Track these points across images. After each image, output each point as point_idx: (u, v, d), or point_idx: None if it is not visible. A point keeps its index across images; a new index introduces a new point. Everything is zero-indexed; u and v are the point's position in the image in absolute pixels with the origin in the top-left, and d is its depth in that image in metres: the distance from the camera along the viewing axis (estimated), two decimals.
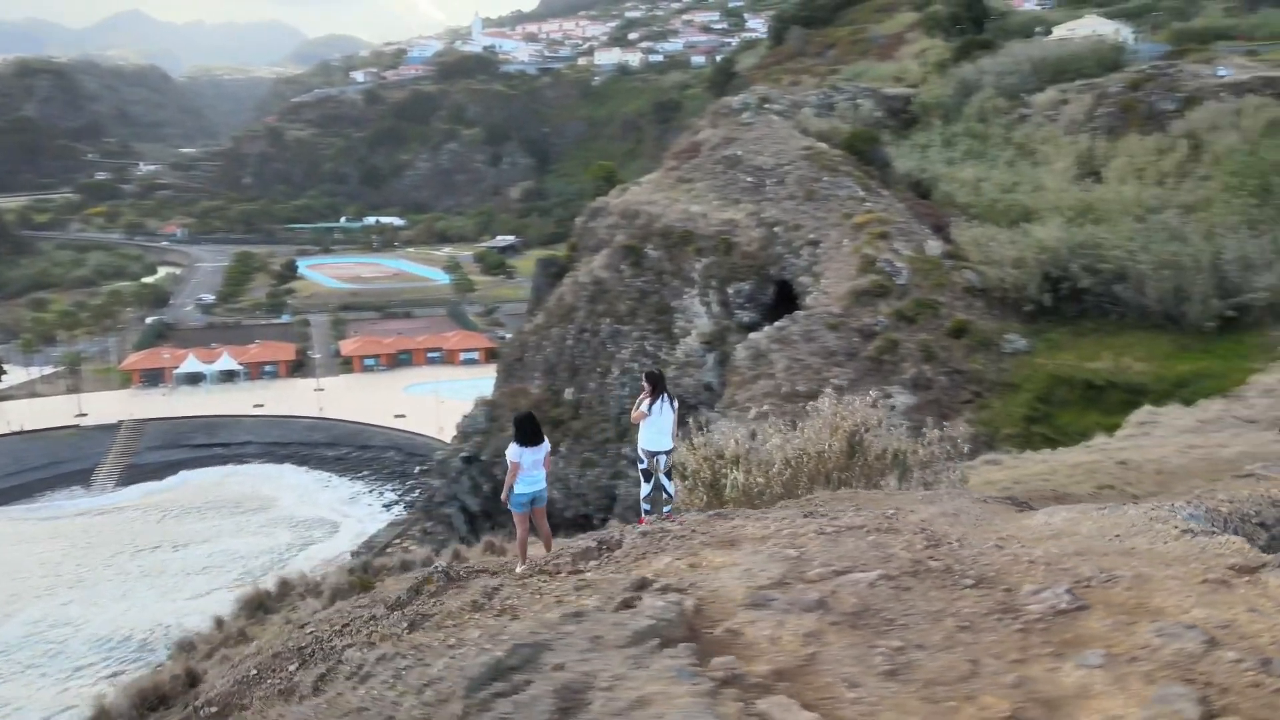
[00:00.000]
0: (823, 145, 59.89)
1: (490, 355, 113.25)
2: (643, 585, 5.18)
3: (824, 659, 4.11)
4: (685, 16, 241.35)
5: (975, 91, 73.69)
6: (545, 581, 6.99)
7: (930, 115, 72.80)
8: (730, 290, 54.41)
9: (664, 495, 10.22)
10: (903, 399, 41.49)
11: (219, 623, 12.93)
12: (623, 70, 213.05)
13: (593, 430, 56.63)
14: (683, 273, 56.20)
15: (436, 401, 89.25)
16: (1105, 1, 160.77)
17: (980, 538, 6.22)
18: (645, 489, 10.24)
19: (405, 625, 6.82)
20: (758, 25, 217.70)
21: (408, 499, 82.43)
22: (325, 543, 78.36)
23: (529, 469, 9.30)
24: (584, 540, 8.01)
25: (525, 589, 6.73)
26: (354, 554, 73.43)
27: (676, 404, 10.72)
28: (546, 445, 9.66)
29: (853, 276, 47.08)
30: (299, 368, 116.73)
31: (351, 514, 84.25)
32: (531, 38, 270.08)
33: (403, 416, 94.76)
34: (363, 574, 12.40)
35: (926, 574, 5.24)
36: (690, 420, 17.98)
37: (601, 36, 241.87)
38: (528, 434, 9.39)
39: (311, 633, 8.73)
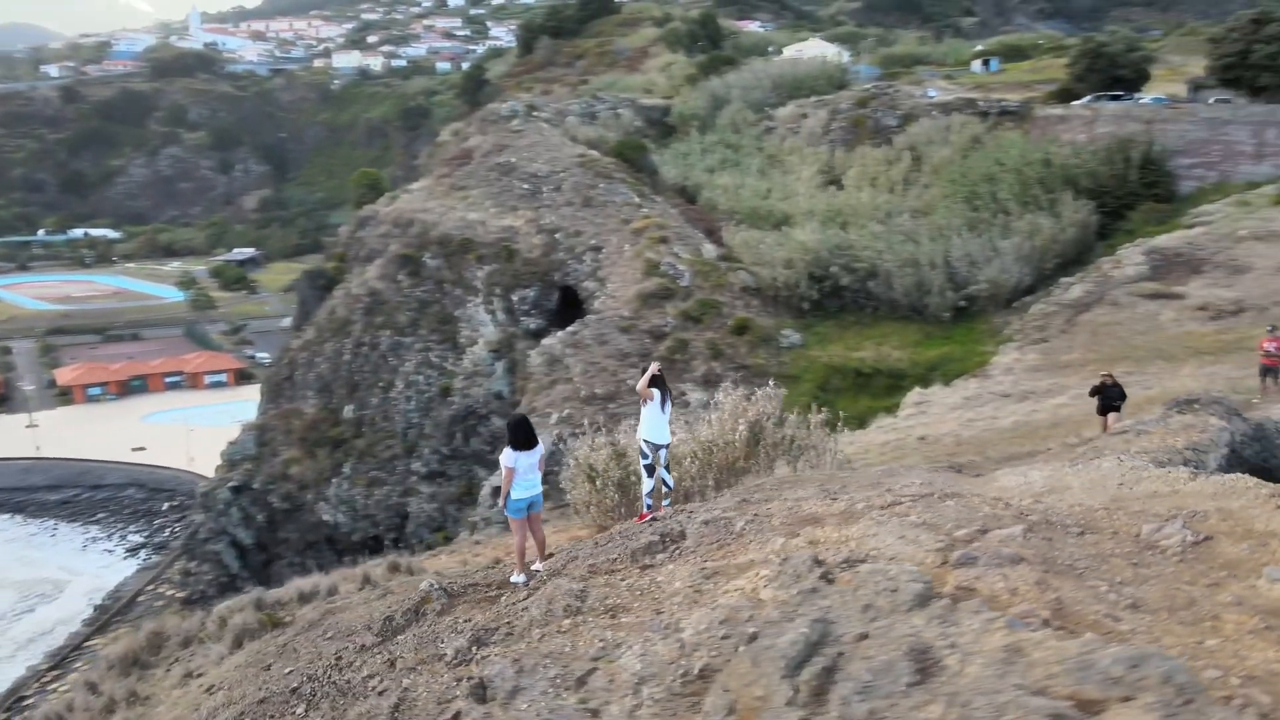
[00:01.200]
0: (594, 153, 61.42)
1: (241, 377, 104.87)
2: (820, 561, 5.43)
3: (1068, 601, 4.66)
4: (426, 21, 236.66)
5: (725, 104, 78.76)
6: (625, 578, 7.01)
7: (687, 125, 76.86)
8: (515, 297, 54.37)
9: (665, 488, 10.38)
10: (696, 395, 43.60)
11: (93, 687, 11.46)
12: (364, 74, 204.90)
13: (378, 448, 54.31)
14: (464, 281, 55.36)
15: (185, 430, 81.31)
16: (819, 27, 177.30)
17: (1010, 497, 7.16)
18: (649, 484, 10.32)
19: (467, 642, 6.54)
20: (502, 33, 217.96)
21: (159, 540, 74.40)
22: (57, 601, 68.91)
23: (524, 473, 9.11)
24: (645, 535, 7.94)
25: (615, 587, 6.72)
26: (97, 608, 65.16)
27: (670, 398, 10.92)
28: (541, 448, 9.51)
29: (638, 280, 48.72)
30: (3, 402, 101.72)
31: (85, 565, 74.59)
32: (259, 36, 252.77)
33: (143, 449, 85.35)
34: (270, 610, 11.47)
35: (1045, 526, 5.98)
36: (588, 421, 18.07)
37: (337, 38, 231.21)
38: (523, 438, 9.21)
39: (293, 672, 8.09)
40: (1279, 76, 49.20)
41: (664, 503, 10.02)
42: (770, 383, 17.28)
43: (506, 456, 9.06)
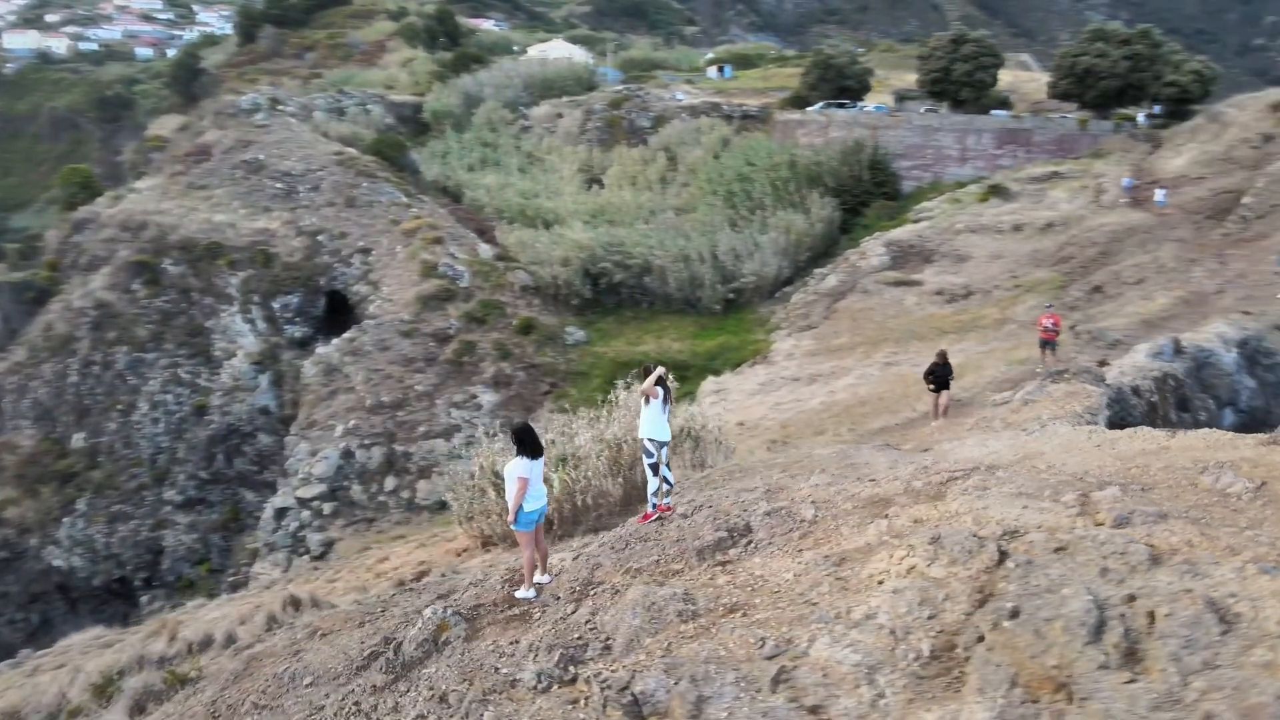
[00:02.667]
0: (352, 150, 58.39)
1: None
2: (980, 537, 5.68)
3: (1236, 546, 5.27)
4: (118, 1, 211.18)
5: (479, 103, 77.89)
6: (712, 576, 6.90)
7: (442, 124, 75.13)
8: (276, 304, 50.49)
9: (666, 486, 10.15)
10: (488, 397, 43.07)
11: None
12: (45, 58, 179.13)
13: (120, 478, 48.24)
14: (216, 289, 50.59)
15: None
16: (554, 28, 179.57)
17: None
18: (654, 483, 10.03)
19: (554, 664, 6.16)
20: (212, 19, 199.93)
21: None
22: None
23: (533, 483, 8.60)
24: (703, 533, 7.72)
25: (716, 587, 6.60)
26: None
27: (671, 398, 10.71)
28: (543, 456, 9.01)
29: (416, 282, 47.09)
30: None
31: None
32: None
33: None
34: (174, 669, 10.12)
35: (1123, 486, 6.68)
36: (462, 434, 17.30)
37: (8, 16, 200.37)
38: (533, 445, 8.69)
39: None
40: (976, 91, 56.77)
41: (665, 500, 9.98)
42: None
43: (518, 467, 8.53)
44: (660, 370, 10.19)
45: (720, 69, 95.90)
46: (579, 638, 6.59)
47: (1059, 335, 22.15)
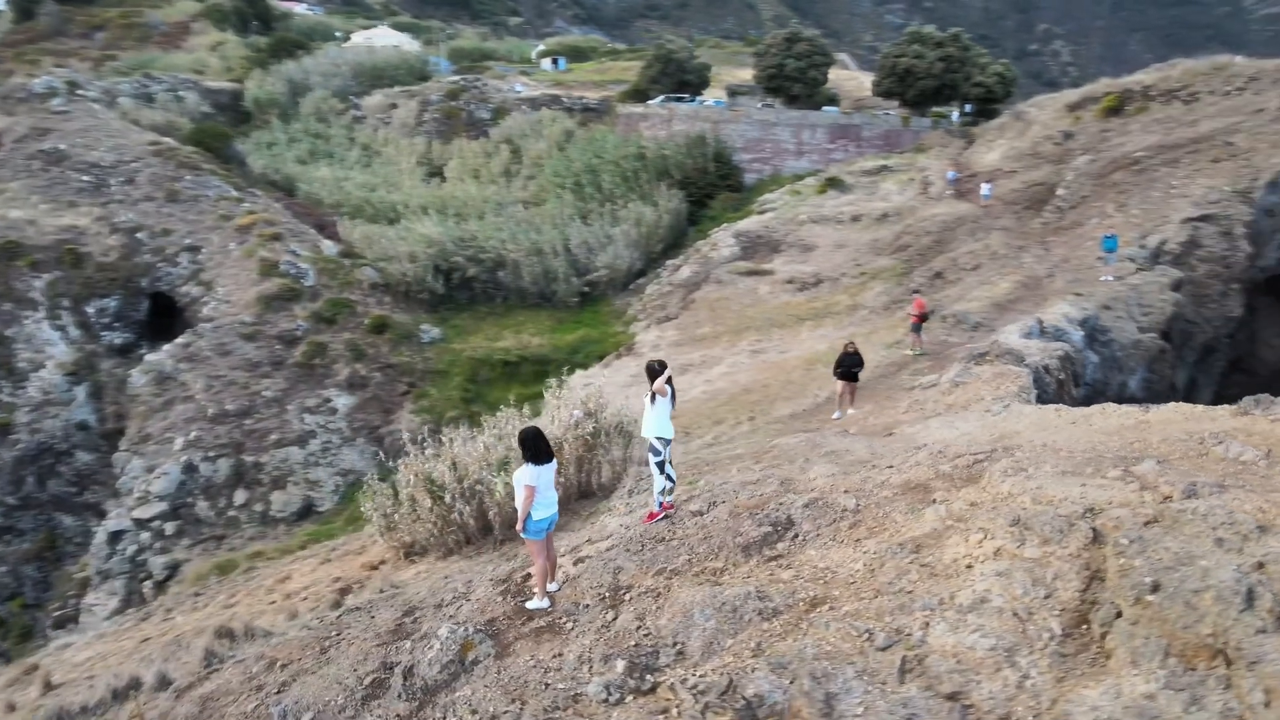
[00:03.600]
0: (170, 140, 53.94)
1: None
2: (1065, 516, 5.83)
3: None
4: None
5: (306, 91, 73.93)
6: (767, 571, 6.76)
7: (266, 113, 70.70)
8: (90, 309, 45.95)
9: (669, 484, 9.84)
10: (343, 400, 41.09)
11: None
12: None
13: None
14: (16, 293, 45.43)
15: None
16: (373, 15, 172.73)
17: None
18: (661, 481, 9.69)
19: (620, 674, 5.91)
20: None
21: None
22: None
23: (544, 491, 8.14)
24: (746, 529, 7.49)
25: (781, 583, 6.47)
26: None
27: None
28: (555, 463, 8.53)
29: (255, 281, 44.17)
30: None
31: None
32: None
33: None
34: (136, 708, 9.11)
35: (1154, 460, 7.08)
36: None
37: None
38: (542, 451, 8.22)
39: None
40: (808, 87, 59.39)
41: (667, 498, 9.78)
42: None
43: (526, 474, 8.11)
44: (669, 373, 10.06)
45: (554, 61, 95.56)
46: (637, 645, 6.39)
47: (926, 319, 23.62)
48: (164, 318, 47.63)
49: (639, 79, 70.17)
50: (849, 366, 16.71)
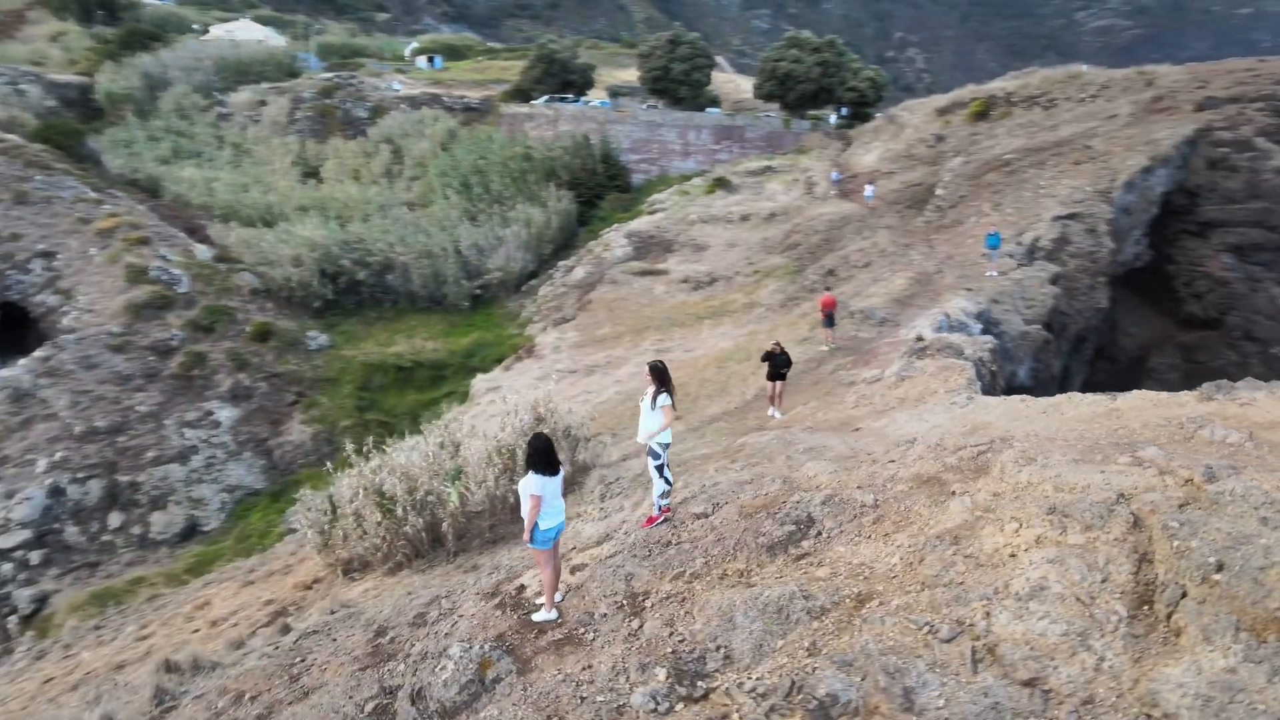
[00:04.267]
0: (14, 138, 49.78)
1: None
2: (1106, 503, 6.00)
3: None
4: None
5: (165, 86, 69.82)
6: (798, 569, 6.70)
7: (120, 109, 66.24)
8: None
9: (667, 487, 9.58)
10: (226, 413, 38.98)
11: None
12: None
13: None
14: None
15: None
16: (231, 8, 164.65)
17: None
18: (661, 485, 9.43)
19: (663, 684, 5.77)
20: None
21: None
22: None
23: (551, 500, 7.82)
24: (767, 529, 7.35)
25: (818, 582, 6.42)
26: None
27: None
28: (562, 472, 8.19)
29: (123, 289, 41.30)
30: None
31: None
32: None
33: None
34: None
35: (1157, 443, 7.40)
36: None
37: None
38: (547, 461, 7.90)
39: None
40: (693, 90, 60.25)
41: (665, 501, 9.61)
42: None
43: (531, 484, 7.82)
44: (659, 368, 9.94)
45: (431, 59, 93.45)
46: (674, 652, 6.30)
47: (835, 314, 24.36)
48: (16, 330, 43.96)
49: (521, 79, 69.49)
50: (778, 366, 16.97)
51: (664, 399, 9.29)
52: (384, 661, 8.56)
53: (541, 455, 7.95)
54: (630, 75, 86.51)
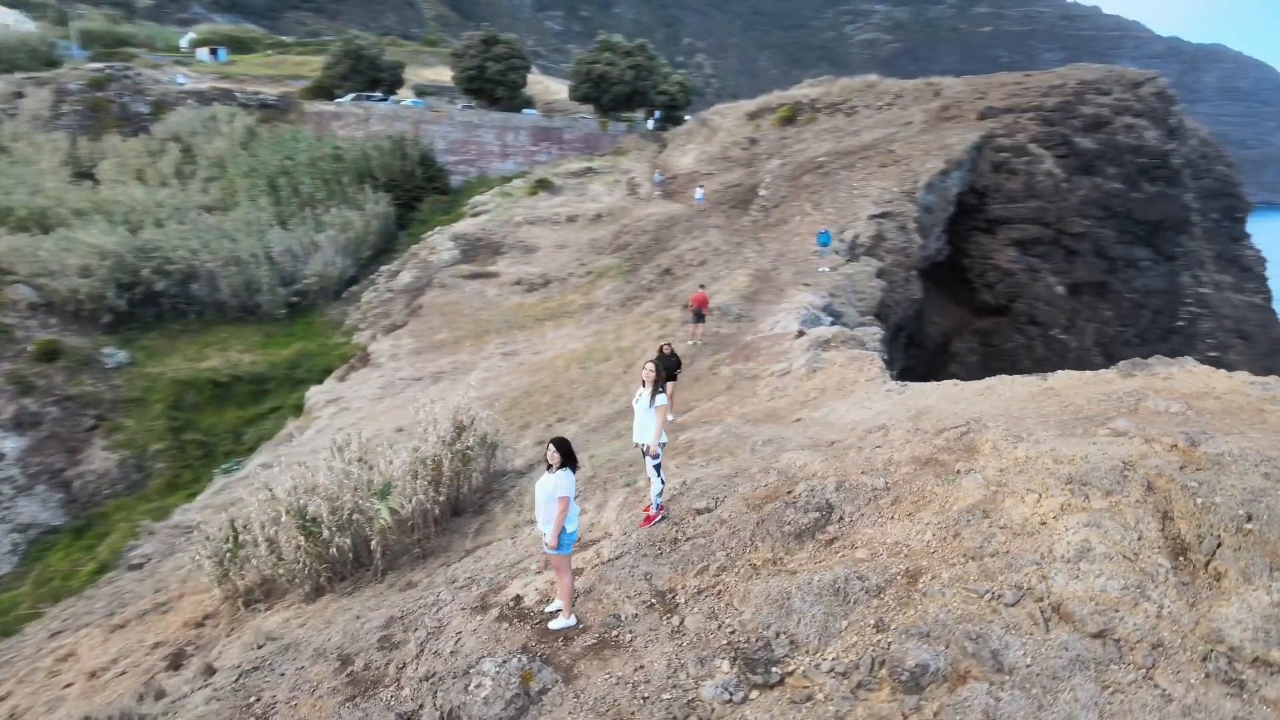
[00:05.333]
0: None
1: None
2: (1115, 470, 6.48)
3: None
4: None
5: None
6: (833, 553, 6.83)
7: None
8: None
9: (661, 486, 9.28)
10: (11, 443, 34.73)
11: None
12: None
13: None
14: None
15: None
16: None
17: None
18: (659, 484, 9.15)
19: (733, 676, 5.82)
20: None
21: None
22: None
23: (574, 502, 7.50)
24: (790, 517, 7.33)
25: (862, 563, 6.58)
26: None
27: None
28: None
29: None
30: None
31: None
32: None
33: None
34: None
35: (1126, 415, 8.11)
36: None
37: None
38: (576, 460, 7.58)
39: None
40: (509, 90, 59.80)
41: (661, 500, 9.46)
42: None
43: (568, 484, 7.51)
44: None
45: (214, 52, 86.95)
46: (730, 643, 6.43)
47: (707, 311, 25.05)
48: None
49: (324, 75, 66.15)
50: (669, 368, 16.96)
51: (661, 399, 9.33)
52: (370, 690, 8.13)
53: (573, 454, 7.75)
54: (435, 74, 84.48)
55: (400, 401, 30.11)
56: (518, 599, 8.42)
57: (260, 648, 10.86)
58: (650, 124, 63.49)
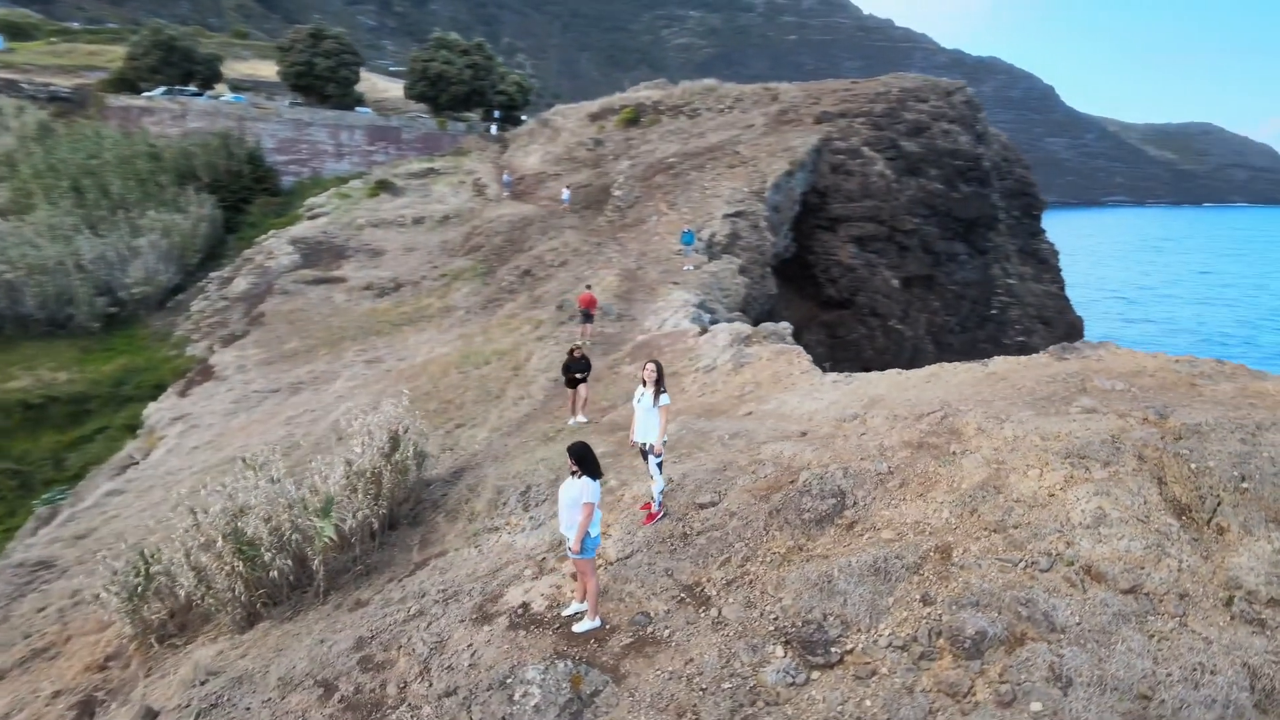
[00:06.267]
0: None
1: None
2: (1107, 443, 6.99)
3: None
4: None
5: None
6: (857, 539, 7.00)
7: None
8: None
9: (664, 484, 8.98)
10: None
11: None
12: None
13: None
14: None
15: None
16: None
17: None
18: (661, 482, 8.83)
19: (792, 662, 5.97)
20: None
21: None
22: None
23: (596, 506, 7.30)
24: (807, 505, 7.35)
25: (890, 545, 6.76)
26: None
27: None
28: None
29: None
30: None
31: None
32: None
33: None
34: None
35: (1067, 397, 8.72)
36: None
37: None
38: (596, 465, 7.35)
39: None
40: (341, 87, 57.31)
41: (661, 497, 9.27)
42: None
43: (592, 491, 7.35)
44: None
45: None
46: (777, 629, 6.61)
47: (595, 312, 25.00)
48: None
49: (127, 67, 60.87)
50: (576, 371, 16.77)
51: (665, 398, 9.32)
52: (374, 713, 7.79)
53: (594, 460, 7.66)
54: (252, 68, 79.73)
55: (260, 415, 28.32)
56: (525, 606, 8.21)
57: (203, 683, 10.09)
58: (494, 128, 62.45)
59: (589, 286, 26.36)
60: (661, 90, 55.94)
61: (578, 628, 7.85)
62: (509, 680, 6.93)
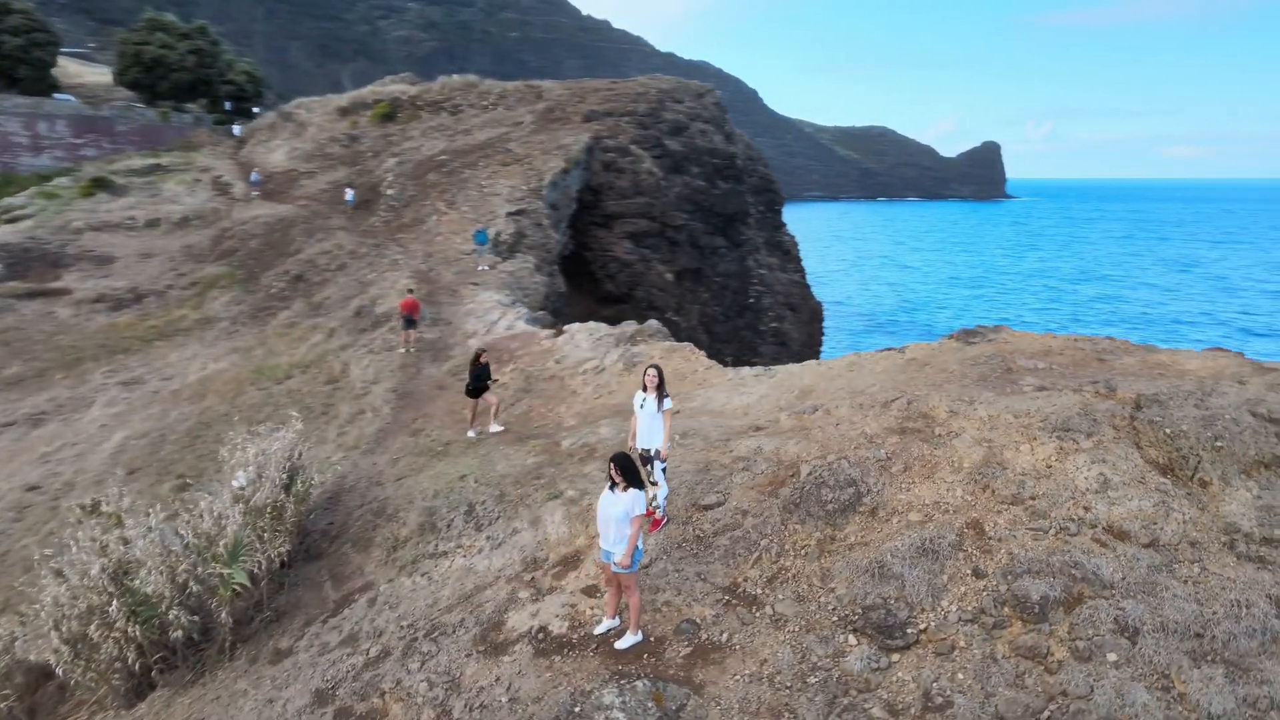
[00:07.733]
0: None
1: None
2: (1086, 416, 7.52)
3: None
4: None
5: None
6: (887, 525, 7.06)
7: None
8: None
9: (668, 489, 8.22)
10: None
11: None
12: None
13: None
14: None
15: None
16: None
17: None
18: (665, 488, 8.07)
19: (872, 650, 6.08)
20: None
21: None
22: None
23: None
24: (828, 496, 7.11)
25: (924, 529, 6.92)
26: None
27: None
28: None
29: None
30: None
31: None
32: None
33: None
34: None
35: (1007, 377, 9.29)
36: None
37: None
38: (639, 475, 6.76)
39: None
40: (36, 70, 49.69)
41: (665, 503, 8.65)
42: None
43: (642, 501, 6.85)
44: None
45: None
46: (842, 619, 6.77)
47: (418, 317, 23.42)
48: None
49: None
50: (482, 378, 15.62)
51: (669, 402, 8.96)
52: None
53: (636, 471, 7.23)
54: None
55: (17, 451, 24.00)
56: (544, 630, 7.66)
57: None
58: (237, 129, 56.50)
59: (411, 291, 24.88)
60: (416, 85, 53.84)
61: (620, 644, 7.46)
62: (578, 709, 6.46)
